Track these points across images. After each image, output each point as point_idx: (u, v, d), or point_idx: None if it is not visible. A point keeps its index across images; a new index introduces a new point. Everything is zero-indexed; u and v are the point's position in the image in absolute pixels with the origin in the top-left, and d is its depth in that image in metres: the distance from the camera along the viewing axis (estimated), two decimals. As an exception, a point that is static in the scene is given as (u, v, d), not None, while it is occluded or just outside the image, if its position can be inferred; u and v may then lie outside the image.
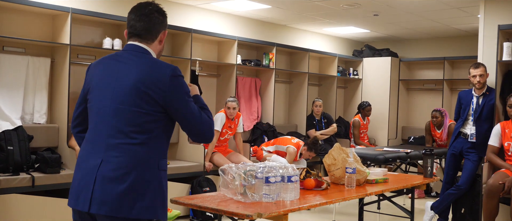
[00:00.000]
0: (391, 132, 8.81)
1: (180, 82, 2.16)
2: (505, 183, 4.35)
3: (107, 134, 2.13)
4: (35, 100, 5.08)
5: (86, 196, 2.09)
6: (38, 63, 5.08)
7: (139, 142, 2.10)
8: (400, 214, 4.83)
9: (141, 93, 2.10)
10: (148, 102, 2.11)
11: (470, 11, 6.65)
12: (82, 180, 2.13)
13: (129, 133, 2.10)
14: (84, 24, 5.49)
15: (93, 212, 2.08)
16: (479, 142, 5.01)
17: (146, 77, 2.11)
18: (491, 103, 5.00)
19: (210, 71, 6.95)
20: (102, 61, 2.27)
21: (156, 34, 2.24)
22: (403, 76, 9.01)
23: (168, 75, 2.12)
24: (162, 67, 2.14)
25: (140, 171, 2.09)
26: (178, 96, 2.14)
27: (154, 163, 2.13)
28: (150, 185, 2.11)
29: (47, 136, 5.04)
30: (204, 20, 6.93)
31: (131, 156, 2.09)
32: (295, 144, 6.43)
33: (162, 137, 2.18)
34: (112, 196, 2.06)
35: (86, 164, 2.14)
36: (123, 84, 2.13)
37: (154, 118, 2.13)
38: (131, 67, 2.15)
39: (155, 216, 2.12)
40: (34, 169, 4.71)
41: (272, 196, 2.90)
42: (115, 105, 2.13)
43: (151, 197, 2.11)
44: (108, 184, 2.07)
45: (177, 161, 5.99)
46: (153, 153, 2.14)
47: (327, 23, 7.92)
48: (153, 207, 2.11)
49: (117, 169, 2.07)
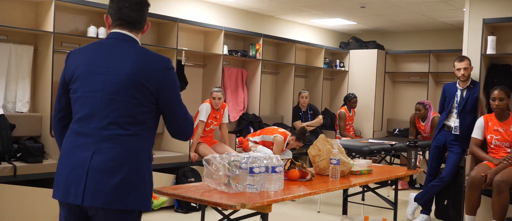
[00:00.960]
0: (377, 124, 8.86)
1: (173, 75, 2.17)
2: (487, 175, 4.40)
3: (99, 126, 2.07)
4: (18, 88, 5.01)
5: (78, 189, 2.03)
6: (21, 51, 5.01)
7: (133, 133, 2.09)
8: (384, 205, 4.87)
9: (137, 84, 2.08)
10: (143, 93, 2.09)
11: (455, 4, 6.68)
12: (71, 172, 2.06)
13: (123, 124, 2.07)
14: (68, 11, 5.41)
15: (86, 204, 2.03)
16: (462, 135, 5.06)
17: (142, 68, 2.09)
18: (475, 97, 5.04)
19: (196, 61, 6.91)
20: (85, 49, 2.19)
21: (144, 26, 2.25)
22: (389, 69, 9.05)
23: (164, 66, 2.14)
24: (158, 59, 2.15)
25: (134, 162, 2.08)
26: (171, 88, 2.16)
27: (146, 154, 2.14)
28: (144, 176, 2.11)
29: (30, 125, 4.97)
30: (190, 10, 6.88)
31: (125, 147, 2.07)
32: (282, 133, 6.46)
33: (153, 128, 2.19)
34: (106, 188, 2.03)
35: (74, 156, 2.08)
36: (117, 75, 2.08)
37: (148, 109, 2.12)
38: (125, 57, 2.11)
39: (147, 207, 2.14)
40: (16, 158, 4.64)
41: (256, 187, 2.90)
42: (108, 95, 2.08)
43: (144, 187, 2.11)
44: (102, 175, 2.03)
45: (162, 151, 5.96)
46: (145, 144, 2.14)
47: (314, 15, 7.91)
48: (146, 197, 2.12)
49: (110, 160, 2.04)
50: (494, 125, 4.70)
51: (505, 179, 4.29)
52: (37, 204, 4.49)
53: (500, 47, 5.22)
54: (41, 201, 4.51)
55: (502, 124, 4.67)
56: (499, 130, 4.66)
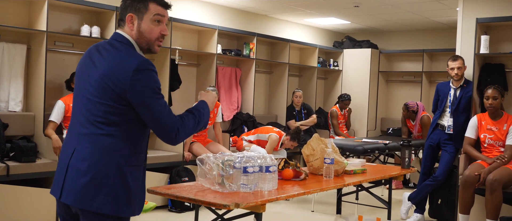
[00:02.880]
0: (370, 123, 8.88)
1: (145, 76, 2.06)
2: (481, 174, 4.42)
3: (79, 124, 2.13)
4: (11, 87, 4.98)
5: (58, 185, 2.11)
6: (13, 50, 4.97)
7: (107, 133, 2.07)
8: (378, 204, 4.87)
9: (104, 87, 2.06)
10: (111, 96, 2.06)
11: (449, 4, 6.70)
12: (59, 167, 2.16)
13: (97, 123, 2.08)
14: (61, 10, 5.39)
15: (62, 201, 2.10)
16: (456, 134, 5.08)
17: (111, 71, 2.06)
18: (468, 96, 5.06)
19: (190, 60, 6.90)
20: (87, 52, 2.26)
21: (124, 18, 2.18)
22: (382, 68, 9.07)
23: (132, 69, 2.04)
24: (128, 61, 2.07)
25: (105, 164, 2.05)
26: (141, 91, 2.04)
27: (121, 156, 2.08)
28: (113, 179, 2.06)
29: (23, 124, 4.95)
30: (184, 9, 6.86)
31: (98, 146, 2.06)
32: (277, 132, 6.47)
33: (130, 130, 2.11)
34: (76, 187, 2.05)
35: (63, 153, 2.17)
36: (92, 76, 2.11)
37: (119, 111, 2.07)
38: (102, 60, 2.12)
39: (117, 212, 2.07)
40: (9, 157, 4.62)
41: (250, 186, 2.90)
42: (86, 96, 2.12)
43: (113, 191, 2.06)
44: (75, 174, 2.07)
45: (155, 151, 5.94)
46: (120, 145, 2.08)
47: (308, 14, 7.91)
48: (115, 201, 2.06)
49: (84, 159, 2.06)
50: (488, 124, 4.72)
51: (498, 178, 4.30)
52: (30, 203, 4.47)
53: (493, 47, 5.24)
54: (34, 200, 4.49)
55: (496, 123, 4.69)
56: (493, 129, 4.68)
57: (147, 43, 2.18)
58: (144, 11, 2.16)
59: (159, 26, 2.18)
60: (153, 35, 2.18)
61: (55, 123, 4.94)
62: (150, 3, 2.16)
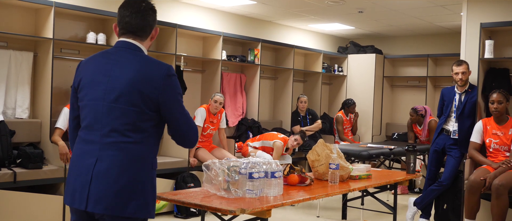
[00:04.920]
0: (375, 128, 8.87)
1: (174, 82, 2.16)
2: (486, 179, 4.41)
3: (101, 133, 2.11)
4: (18, 95, 5.02)
5: (82, 195, 2.09)
6: (20, 57, 5.02)
7: (134, 141, 2.10)
8: (383, 210, 4.87)
9: (136, 92, 2.09)
10: (143, 101, 2.10)
11: (453, 9, 6.71)
12: (77, 178, 2.12)
13: (124, 131, 2.09)
14: (67, 18, 5.43)
15: (89, 210, 2.08)
16: (461, 139, 5.07)
17: (142, 75, 2.10)
18: (473, 100, 5.05)
19: (195, 66, 6.93)
20: (93, 59, 2.24)
21: (150, 32, 2.24)
22: (387, 73, 9.07)
23: (164, 74, 2.12)
24: (158, 66, 2.14)
25: (135, 170, 2.09)
26: (172, 96, 2.14)
27: (148, 162, 2.14)
28: (144, 184, 2.12)
29: (30, 131, 4.98)
30: (189, 16, 6.90)
31: (126, 154, 2.08)
32: (282, 138, 6.47)
33: (155, 136, 2.18)
34: (107, 194, 2.06)
35: (81, 163, 2.13)
36: (117, 83, 2.10)
37: (148, 117, 2.12)
38: (126, 65, 2.13)
39: (149, 214, 2.14)
40: (16, 164, 4.65)
41: (256, 192, 2.91)
42: (109, 103, 2.11)
43: (145, 195, 2.12)
44: (103, 182, 2.06)
45: (161, 157, 5.96)
46: (147, 152, 2.14)
47: (312, 20, 7.93)
48: (147, 205, 2.13)
49: (112, 167, 2.07)
50: (493, 128, 4.71)
51: (504, 183, 4.29)
52: (37, 210, 4.49)
53: (498, 51, 5.24)
54: (41, 207, 4.51)
55: (501, 127, 4.68)
56: (498, 134, 4.67)
57: None
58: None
59: None
60: None
61: (61, 129, 4.97)
62: None
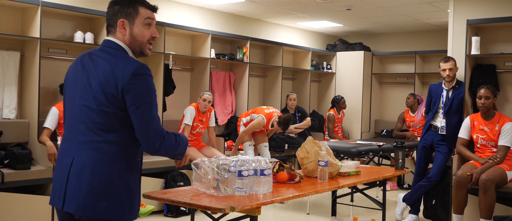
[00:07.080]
0: (364, 125, 8.91)
1: (140, 81, 2.08)
2: (473, 174, 4.45)
3: (77, 132, 2.13)
4: (4, 95, 4.98)
5: (60, 194, 2.11)
6: (7, 57, 4.97)
7: (107, 140, 2.08)
8: (372, 206, 4.90)
9: (105, 92, 2.07)
10: (111, 101, 2.07)
11: (440, 6, 6.75)
12: (57, 177, 2.15)
13: (96, 130, 2.08)
14: (54, 17, 5.39)
15: (65, 210, 2.10)
16: (449, 135, 5.11)
17: (110, 76, 2.08)
18: (461, 97, 5.10)
19: (183, 65, 6.91)
20: (77, 60, 2.25)
21: (115, 25, 2.20)
22: (375, 70, 9.12)
23: (130, 73, 2.07)
24: (126, 65, 2.09)
25: (107, 171, 2.07)
26: (134, 94, 2.06)
27: (122, 162, 2.11)
28: (117, 185, 2.09)
29: (17, 131, 4.94)
30: (177, 14, 6.88)
31: (99, 154, 2.08)
32: (267, 114, 6.23)
33: (133, 137, 2.13)
34: (79, 194, 2.06)
35: (61, 163, 2.16)
36: (89, 83, 2.11)
37: (120, 117, 2.08)
38: (100, 65, 2.12)
39: (121, 217, 2.10)
40: (4, 165, 4.61)
41: (245, 190, 2.91)
42: (82, 103, 2.12)
43: (117, 197, 2.09)
44: (77, 182, 2.07)
45: (150, 156, 5.94)
46: (123, 152, 2.11)
47: (301, 17, 7.95)
48: (119, 207, 2.09)
49: (85, 167, 2.07)
50: (480, 124, 4.76)
51: (491, 178, 4.34)
52: (25, 211, 4.46)
53: (484, 48, 5.29)
54: (29, 207, 4.48)
55: (488, 123, 4.73)
56: (485, 129, 4.72)
57: (140, 47, 2.22)
58: (134, 15, 2.19)
59: (149, 29, 2.23)
60: (145, 38, 2.22)
61: (49, 129, 4.94)
62: (139, 7, 2.21)
